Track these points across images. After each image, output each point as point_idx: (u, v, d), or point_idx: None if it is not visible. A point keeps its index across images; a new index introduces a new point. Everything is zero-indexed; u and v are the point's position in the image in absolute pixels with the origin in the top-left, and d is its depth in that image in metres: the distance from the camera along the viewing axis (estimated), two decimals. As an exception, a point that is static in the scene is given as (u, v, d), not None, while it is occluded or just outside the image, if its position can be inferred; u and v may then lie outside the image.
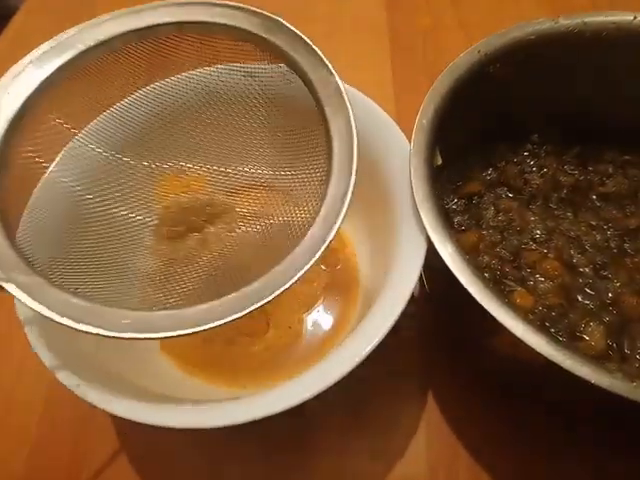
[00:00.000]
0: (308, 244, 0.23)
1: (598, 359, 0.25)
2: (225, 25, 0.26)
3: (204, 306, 0.22)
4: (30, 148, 0.26)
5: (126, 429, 0.31)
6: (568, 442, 0.29)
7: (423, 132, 0.27)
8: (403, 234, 0.27)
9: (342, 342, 0.25)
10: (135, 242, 0.28)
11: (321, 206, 0.23)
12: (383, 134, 0.30)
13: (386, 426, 0.31)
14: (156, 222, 0.29)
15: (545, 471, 0.29)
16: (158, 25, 0.26)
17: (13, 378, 0.34)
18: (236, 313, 0.22)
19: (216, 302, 0.22)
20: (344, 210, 0.23)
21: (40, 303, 0.21)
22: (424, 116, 0.28)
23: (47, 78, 0.25)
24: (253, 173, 0.29)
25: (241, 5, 0.27)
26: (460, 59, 0.30)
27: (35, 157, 0.26)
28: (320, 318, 0.33)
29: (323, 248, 0.22)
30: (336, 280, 0.34)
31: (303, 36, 0.26)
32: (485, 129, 0.32)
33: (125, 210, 0.28)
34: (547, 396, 0.28)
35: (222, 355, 0.32)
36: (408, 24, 0.51)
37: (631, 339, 0.26)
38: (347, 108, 0.25)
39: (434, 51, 0.49)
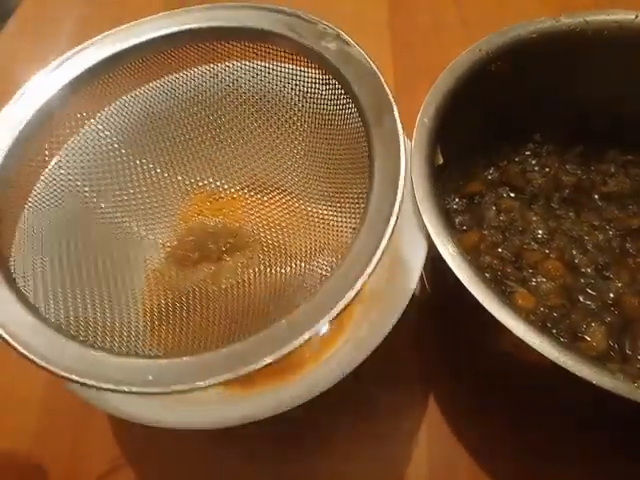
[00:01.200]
0: (323, 298, 0.19)
1: (599, 360, 0.25)
2: (278, 34, 0.24)
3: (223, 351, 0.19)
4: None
5: (125, 429, 0.31)
6: (568, 442, 0.29)
7: (424, 131, 0.27)
8: (404, 234, 0.27)
9: (343, 344, 0.25)
10: (141, 265, 0.25)
11: (344, 259, 0.19)
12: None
13: (386, 427, 0.31)
14: (174, 243, 0.26)
15: (545, 471, 0.29)
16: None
17: (10, 379, 0.34)
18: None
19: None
20: (368, 271, 0.19)
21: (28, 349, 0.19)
22: (425, 115, 0.28)
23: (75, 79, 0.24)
24: (293, 204, 0.26)
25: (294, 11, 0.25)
26: (461, 57, 0.30)
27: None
28: None
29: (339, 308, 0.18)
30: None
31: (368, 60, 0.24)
32: (486, 128, 0.32)
33: (142, 227, 0.25)
34: (548, 396, 0.28)
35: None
36: (409, 23, 0.51)
37: (633, 339, 0.26)
38: (398, 138, 0.21)
39: (435, 50, 0.49)
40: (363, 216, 0.20)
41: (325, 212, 0.25)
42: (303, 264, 0.24)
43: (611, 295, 0.27)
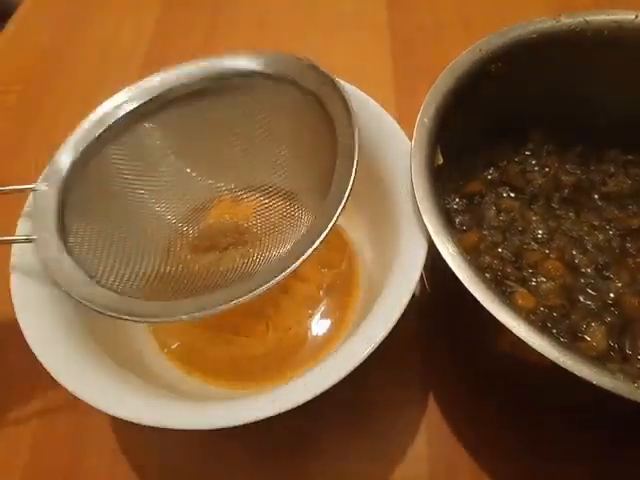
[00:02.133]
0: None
1: (599, 359, 0.25)
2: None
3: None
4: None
5: (125, 429, 0.31)
6: (568, 442, 0.29)
7: (424, 131, 0.27)
8: (404, 234, 0.27)
9: (343, 343, 0.25)
10: (165, 246, 0.31)
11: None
12: (384, 133, 0.30)
13: (387, 427, 0.31)
14: (195, 234, 0.33)
15: (545, 471, 0.29)
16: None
17: (11, 377, 0.34)
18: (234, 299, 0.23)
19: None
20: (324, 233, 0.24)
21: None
22: (425, 115, 0.28)
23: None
24: (287, 208, 0.32)
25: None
26: (461, 57, 0.30)
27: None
28: (320, 319, 0.33)
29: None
30: (337, 281, 0.34)
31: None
32: (486, 128, 0.32)
33: (174, 217, 0.32)
34: (548, 396, 0.28)
35: (222, 356, 0.32)
36: (409, 23, 0.51)
37: (633, 339, 0.26)
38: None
39: (435, 50, 0.49)
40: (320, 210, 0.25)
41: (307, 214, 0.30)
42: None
43: (611, 295, 0.27)
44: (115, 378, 0.25)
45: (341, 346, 0.24)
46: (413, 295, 0.25)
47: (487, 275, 0.29)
